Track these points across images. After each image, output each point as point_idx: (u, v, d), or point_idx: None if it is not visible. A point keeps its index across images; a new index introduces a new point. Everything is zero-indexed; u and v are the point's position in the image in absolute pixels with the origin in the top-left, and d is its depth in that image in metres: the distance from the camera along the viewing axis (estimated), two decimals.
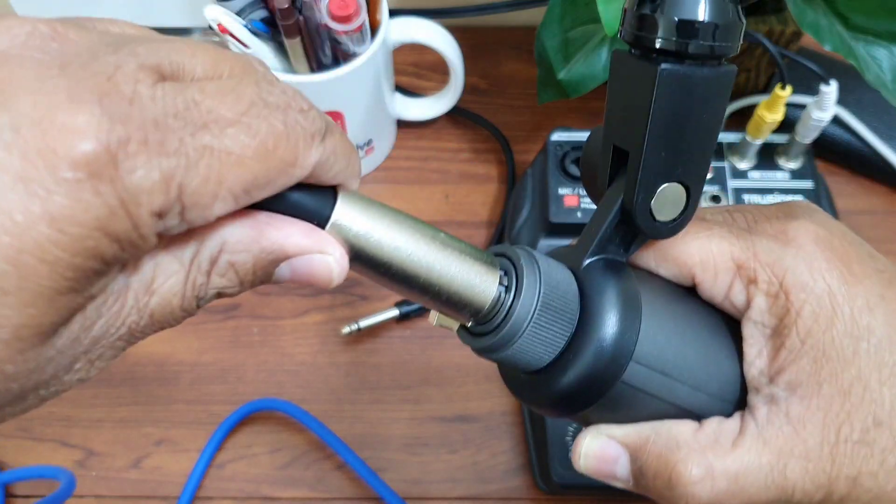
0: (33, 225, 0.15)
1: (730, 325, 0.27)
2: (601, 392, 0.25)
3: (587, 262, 0.26)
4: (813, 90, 0.50)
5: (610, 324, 0.25)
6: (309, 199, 0.21)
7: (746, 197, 0.52)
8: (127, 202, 0.16)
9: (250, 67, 0.20)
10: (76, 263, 0.16)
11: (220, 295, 0.21)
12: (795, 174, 0.52)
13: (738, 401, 0.27)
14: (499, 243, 0.58)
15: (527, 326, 0.24)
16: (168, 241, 0.19)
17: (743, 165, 0.53)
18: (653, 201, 0.25)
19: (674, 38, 0.22)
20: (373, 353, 0.55)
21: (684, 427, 0.26)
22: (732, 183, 0.52)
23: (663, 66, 0.22)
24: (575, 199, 0.51)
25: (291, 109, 0.19)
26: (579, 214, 0.51)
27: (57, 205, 0.16)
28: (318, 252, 0.21)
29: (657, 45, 0.23)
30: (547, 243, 0.52)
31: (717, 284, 0.27)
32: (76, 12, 0.67)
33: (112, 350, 0.19)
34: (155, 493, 0.51)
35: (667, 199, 0.25)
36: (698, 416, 0.27)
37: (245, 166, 0.18)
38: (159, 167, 0.17)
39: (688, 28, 0.22)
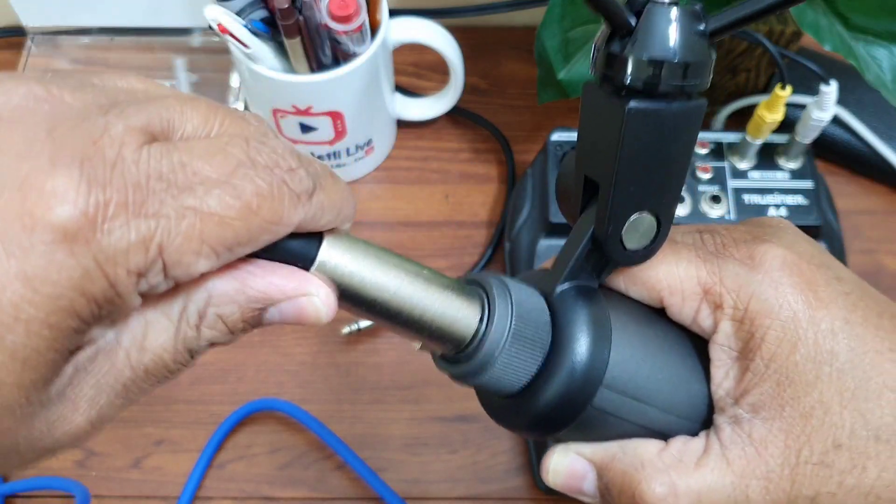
0: (8, 284, 0.16)
1: (698, 345, 0.28)
2: (572, 417, 0.26)
3: (560, 288, 0.26)
4: (813, 90, 0.50)
5: (580, 351, 0.25)
6: (294, 244, 0.21)
7: (746, 197, 0.52)
8: (103, 263, 0.17)
9: (242, 123, 0.20)
10: (51, 322, 0.17)
11: (212, 345, 0.21)
12: (795, 174, 0.52)
13: (705, 420, 0.27)
14: (498, 243, 0.58)
15: (498, 355, 0.25)
16: (156, 298, 0.19)
17: (743, 165, 0.53)
18: (623, 231, 0.25)
19: (643, 78, 0.22)
20: (373, 353, 0.55)
21: (650, 446, 0.27)
22: (732, 183, 0.52)
23: (632, 104, 0.22)
24: None
25: (279, 169, 0.20)
26: None
27: (31, 265, 0.16)
28: (303, 295, 0.21)
29: (626, 83, 0.22)
30: (547, 243, 0.52)
31: (685, 308, 0.27)
32: (77, 13, 0.67)
33: (110, 409, 0.20)
34: (155, 493, 0.51)
35: (637, 228, 0.25)
36: (666, 436, 0.27)
37: (228, 226, 0.18)
38: (137, 228, 0.17)
39: (658, 67, 0.22)
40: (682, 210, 0.51)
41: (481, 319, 0.25)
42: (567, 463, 0.28)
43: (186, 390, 0.54)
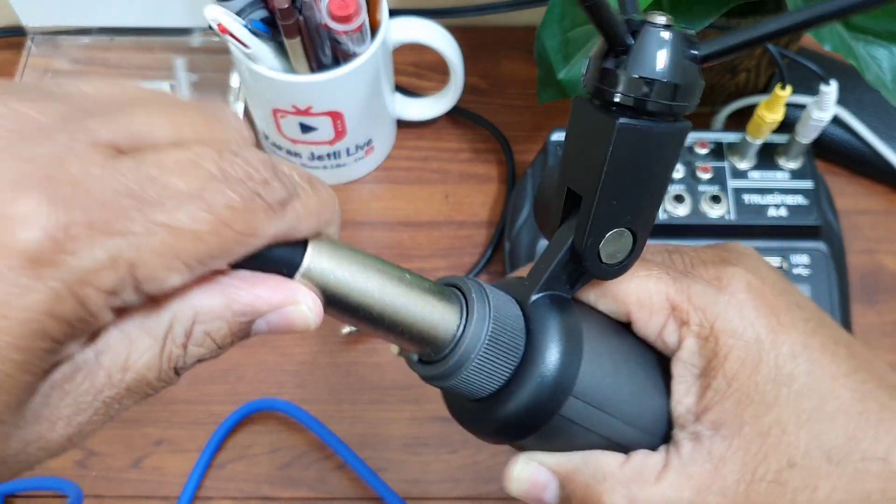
0: None
1: (660, 362, 0.28)
2: (539, 424, 0.26)
3: (535, 297, 0.27)
4: (813, 90, 0.50)
5: (552, 360, 0.26)
6: (278, 252, 0.21)
7: (746, 197, 0.52)
8: (72, 284, 0.17)
9: (215, 126, 0.20)
10: (21, 345, 0.16)
11: (199, 361, 0.21)
12: (795, 174, 0.52)
13: (665, 435, 0.28)
14: (498, 243, 0.58)
15: (473, 358, 0.25)
16: (140, 316, 0.19)
17: (743, 165, 0.53)
18: (601, 245, 0.25)
19: (634, 95, 0.23)
20: (373, 353, 0.55)
21: (611, 459, 0.27)
22: (732, 183, 0.52)
23: (621, 120, 0.23)
24: None
25: (252, 181, 0.19)
26: None
27: None
28: (290, 304, 0.21)
29: (617, 99, 0.23)
30: (546, 243, 0.52)
31: (652, 323, 0.28)
32: (77, 13, 0.67)
33: (90, 425, 0.19)
34: (155, 493, 0.51)
35: (614, 243, 0.26)
36: (627, 449, 0.28)
37: (200, 241, 0.18)
38: (106, 248, 0.17)
39: (649, 86, 0.23)
40: (682, 210, 0.51)
41: (460, 323, 0.25)
42: (530, 472, 0.28)
43: (186, 390, 0.54)
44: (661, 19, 0.23)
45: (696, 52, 0.23)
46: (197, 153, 0.19)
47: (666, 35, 0.23)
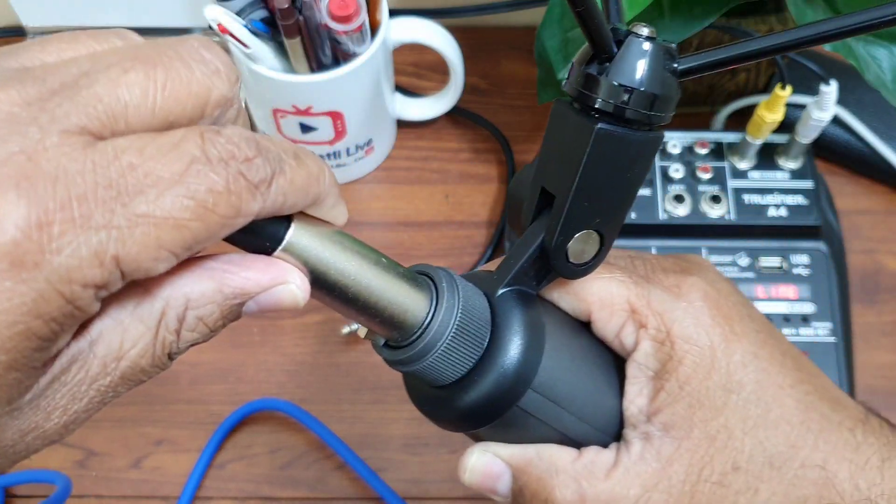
0: None
1: (615, 363, 0.30)
2: (497, 414, 0.27)
3: (501, 291, 0.27)
4: (813, 90, 0.50)
5: (514, 352, 0.26)
6: (261, 225, 0.21)
7: (746, 197, 0.52)
8: (56, 283, 0.16)
9: (199, 97, 0.19)
10: (8, 347, 0.16)
11: (192, 345, 0.21)
12: (795, 174, 0.52)
13: (616, 433, 0.29)
14: (498, 243, 0.58)
15: (440, 346, 0.25)
16: (132, 304, 0.19)
17: (743, 165, 0.53)
18: (569, 244, 0.26)
19: (614, 102, 0.24)
20: (373, 353, 0.54)
21: (564, 454, 0.28)
22: (732, 183, 0.52)
23: (601, 125, 0.24)
24: None
25: (234, 160, 0.18)
26: None
27: None
28: (280, 284, 0.21)
29: (597, 105, 0.24)
30: None
31: (611, 324, 0.29)
32: (77, 13, 0.67)
33: (85, 413, 0.19)
34: (155, 493, 0.51)
35: (582, 244, 0.27)
36: (579, 445, 0.29)
37: (185, 228, 0.18)
38: (88, 243, 0.16)
39: (628, 94, 0.24)
40: (682, 210, 0.51)
41: (429, 310, 0.25)
42: (484, 462, 0.29)
43: (186, 390, 0.54)
44: (644, 31, 0.24)
45: (676, 66, 0.24)
46: (180, 137, 0.18)
47: (648, 47, 0.24)
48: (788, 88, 0.49)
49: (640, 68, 0.24)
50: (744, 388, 0.28)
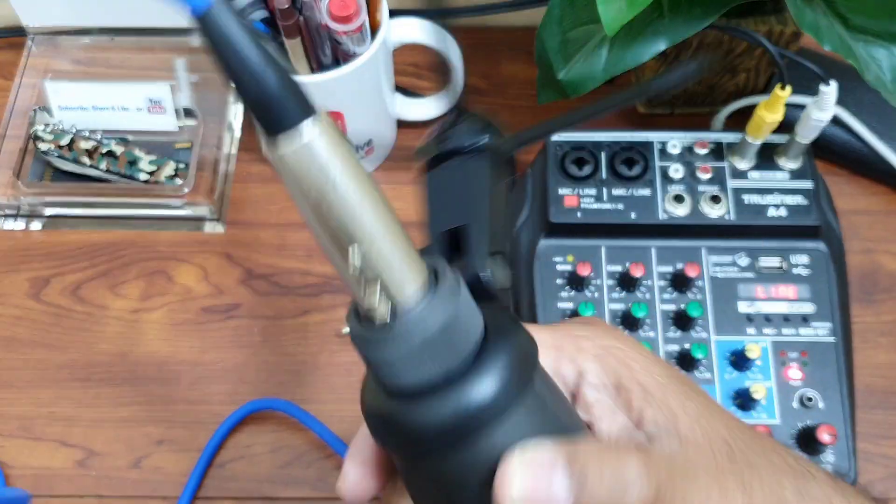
0: None
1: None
2: (453, 445, 0.23)
3: (501, 315, 0.25)
4: (813, 90, 0.50)
5: (486, 392, 0.23)
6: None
7: (746, 197, 0.52)
8: None
9: None
10: None
11: None
12: (795, 174, 0.52)
13: None
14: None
15: (424, 338, 0.22)
16: None
17: (742, 165, 0.53)
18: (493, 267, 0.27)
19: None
20: None
21: (587, 437, 0.26)
22: (732, 183, 0.52)
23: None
24: (575, 200, 0.51)
25: None
26: (579, 214, 0.51)
27: None
28: None
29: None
30: (547, 243, 0.52)
31: (546, 364, 0.27)
32: (77, 13, 0.66)
33: None
34: (155, 493, 0.51)
35: (497, 264, 0.27)
36: None
37: None
38: None
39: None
40: (682, 210, 0.51)
41: (424, 295, 0.22)
42: (530, 454, 0.24)
43: (187, 390, 0.54)
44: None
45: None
46: None
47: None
48: (788, 89, 0.49)
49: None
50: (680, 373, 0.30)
